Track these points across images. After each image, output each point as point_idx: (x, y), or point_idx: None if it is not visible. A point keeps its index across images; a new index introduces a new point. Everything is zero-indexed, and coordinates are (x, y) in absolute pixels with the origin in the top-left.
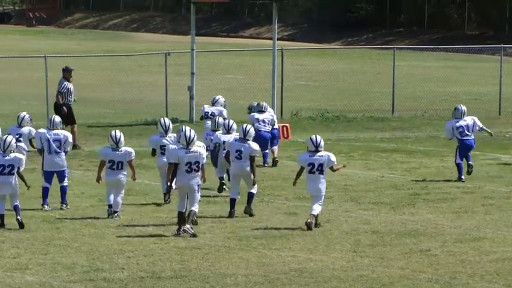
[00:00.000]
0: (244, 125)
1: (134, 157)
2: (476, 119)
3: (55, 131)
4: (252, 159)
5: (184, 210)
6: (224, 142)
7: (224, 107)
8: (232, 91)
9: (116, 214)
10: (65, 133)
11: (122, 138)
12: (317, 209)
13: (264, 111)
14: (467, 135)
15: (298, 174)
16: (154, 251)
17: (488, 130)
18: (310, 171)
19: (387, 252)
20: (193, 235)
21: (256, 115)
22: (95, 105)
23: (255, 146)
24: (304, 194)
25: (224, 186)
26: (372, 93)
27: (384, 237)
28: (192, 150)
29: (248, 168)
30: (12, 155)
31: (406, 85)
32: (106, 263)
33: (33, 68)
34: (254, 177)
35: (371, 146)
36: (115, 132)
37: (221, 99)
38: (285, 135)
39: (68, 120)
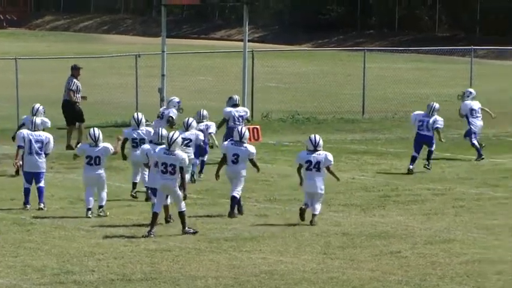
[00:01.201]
0: (239, 127)
1: (112, 151)
2: (439, 120)
3: (37, 133)
4: (251, 161)
5: (159, 211)
6: (185, 139)
7: (179, 109)
8: (203, 93)
9: (101, 209)
10: (47, 135)
11: (101, 136)
12: (318, 208)
13: (238, 105)
14: (422, 130)
15: (299, 172)
16: (125, 253)
17: (440, 136)
18: (308, 169)
19: (357, 254)
20: (195, 232)
21: (233, 111)
22: None
23: (252, 149)
24: (274, 196)
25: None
26: (342, 95)
27: (354, 239)
28: (173, 151)
29: (242, 171)
30: None
31: (376, 87)
32: (76, 266)
33: (4, 70)
34: (258, 169)
35: (341, 147)
36: (93, 130)
37: (174, 99)
38: (256, 137)
39: (78, 118)
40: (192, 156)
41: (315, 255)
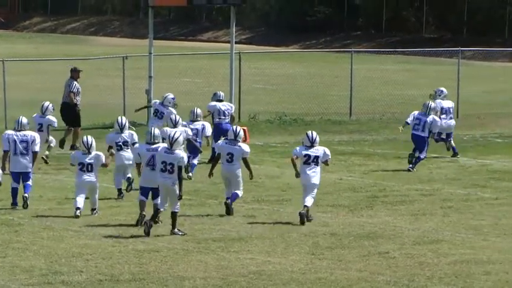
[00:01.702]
0: (235, 127)
1: (104, 161)
2: (437, 121)
3: (22, 132)
4: (244, 160)
5: (163, 209)
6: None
7: (174, 105)
8: (190, 94)
9: (95, 211)
10: (32, 134)
11: (94, 144)
12: (309, 201)
13: (222, 100)
14: (418, 129)
15: (294, 165)
16: (113, 253)
17: (433, 136)
18: (306, 162)
19: (345, 254)
20: (184, 234)
21: (218, 105)
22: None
23: (246, 148)
24: (262, 197)
25: None
26: (329, 97)
27: (342, 240)
28: (173, 151)
29: (237, 171)
30: None
31: (363, 88)
32: (64, 266)
33: None
34: (251, 174)
35: (329, 148)
36: (86, 138)
37: (169, 96)
38: (243, 139)
39: (75, 121)
40: None
41: (303, 255)
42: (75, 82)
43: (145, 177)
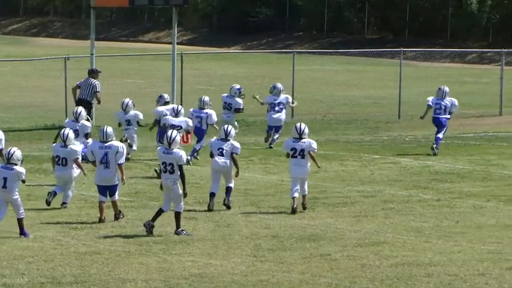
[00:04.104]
0: (225, 126)
1: (79, 156)
2: (455, 102)
3: None
4: (233, 157)
5: (167, 210)
6: (172, 125)
7: (240, 95)
8: (132, 96)
9: (65, 205)
10: None
11: (71, 136)
12: (306, 188)
13: (168, 102)
14: (439, 113)
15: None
16: (55, 256)
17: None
18: (293, 156)
19: (287, 256)
20: (189, 235)
21: (164, 110)
22: None
23: (236, 144)
24: (204, 199)
25: None
26: None
27: (283, 242)
28: (171, 150)
29: (230, 165)
30: None
31: (305, 89)
32: (6, 269)
33: None
34: (238, 169)
35: (270, 150)
36: (63, 130)
37: (235, 87)
38: (185, 140)
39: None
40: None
41: (245, 257)
42: (98, 82)
43: (100, 176)
